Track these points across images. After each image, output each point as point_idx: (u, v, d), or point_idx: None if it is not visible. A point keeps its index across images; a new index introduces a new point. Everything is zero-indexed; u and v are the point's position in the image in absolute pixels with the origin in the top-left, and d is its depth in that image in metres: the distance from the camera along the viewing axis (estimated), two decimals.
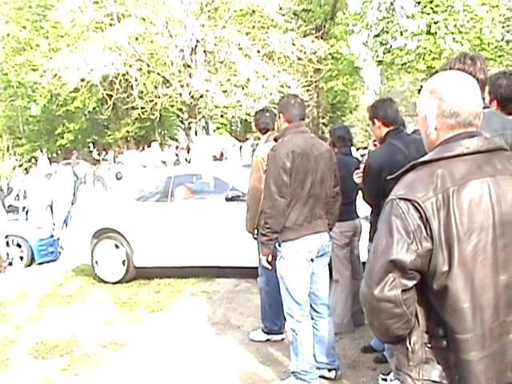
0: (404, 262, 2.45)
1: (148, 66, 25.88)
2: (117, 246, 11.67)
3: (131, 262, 11.56)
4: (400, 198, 2.52)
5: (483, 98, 2.83)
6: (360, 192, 6.49)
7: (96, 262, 11.77)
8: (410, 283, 2.50)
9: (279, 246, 5.84)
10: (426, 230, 2.46)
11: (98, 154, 38.02)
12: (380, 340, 2.87)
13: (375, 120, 5.71)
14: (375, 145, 6.57)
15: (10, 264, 14.20)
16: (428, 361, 2.62)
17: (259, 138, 8.73)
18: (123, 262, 11.58)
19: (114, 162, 28.24)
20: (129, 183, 14.65)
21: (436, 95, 2.68)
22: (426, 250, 2.46)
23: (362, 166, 6.11)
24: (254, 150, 21.97)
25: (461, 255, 2.45)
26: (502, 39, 34.32)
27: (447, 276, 2.47)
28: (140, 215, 11.66)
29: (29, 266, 14.29)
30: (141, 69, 25.97)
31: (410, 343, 2.63)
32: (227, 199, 10.93)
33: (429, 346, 2.62)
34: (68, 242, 12.73)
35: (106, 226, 11.80)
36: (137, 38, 25.63)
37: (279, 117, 6.11)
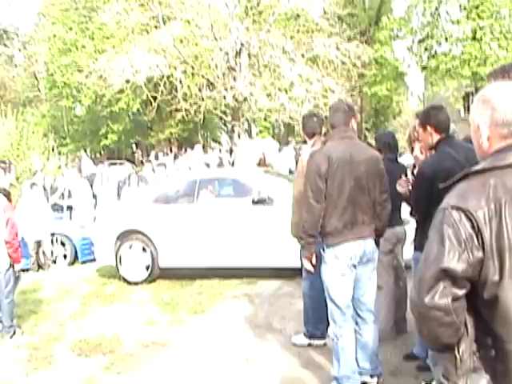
0: (455, 270, 2.45)
1: (192, 68, 26.04)
2: (144, 249, 11.88)
3: (156, 262, 11.80)
4: (452, 207, 2.52)
5: None
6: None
7: (120, 263, 11.98)
8: (461, 292, 2.50)
9: (323, 251, 5.86)
10: (477, 239, 2.46)
11: (142, 156, 38.26)
12: (429, 348, 2.87)
13: (428, 127, 5.64)
14: (421, 152, 6.52)
15: (54, 262, 14.39)
16: (476, 370, 2.62)
17: (303, 142, 8.74)
18: (147, 265, 11.85)
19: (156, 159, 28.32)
20: (155, 185, 14.89)
21: (489, 105, 2.67)
22: (477, 259, 2.46)
23: (406, 176, 6.10)
24: (296, 154, 21.96)
25: None
26: None
27: (498, 286, 2.47)
28: (166, 217, 11.88)
29: (72, 264, 14.46)
30: (185, 71, 26.14)
31: (458, 352, 2.63)
32: (254, 202, 11.31)
33: (477, 355, 2.61)
34: (95, 243, 12.88)
35: (132, 227, 12.01)
36: (181, 41, 25.80)
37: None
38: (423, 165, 5.72)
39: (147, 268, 11.80)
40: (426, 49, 37.18)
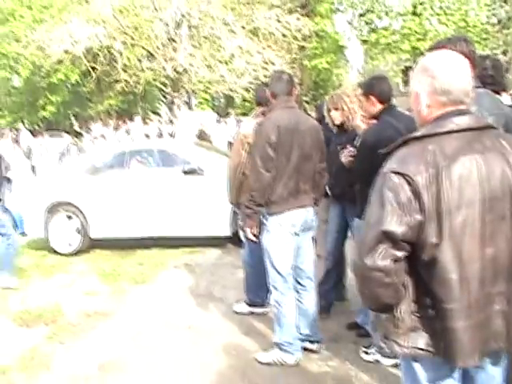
0: (395, 233, 2.55)
1: (132, 39, 25.78)
2: (70, 218, 11.89)
3: (86, 233, 11.84)
4: (392, 172, 2.61)
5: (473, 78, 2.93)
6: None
7: (49, 235, 11.98)
8: (401, 254, 2.60)
9: (265, 219, 5.92)
10: (417, 202, 2.56)
11: (80, 127, 37.90)
12: (370, 308, 2.96)
13: (371, 96, 5.75)
14: (363, 121, 6.61)
15: None
16: (415, 329, 2.74)
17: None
18: (78, 233, 11.85)
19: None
20: (84, 156, 14.82)
21: (429, 73, 2.77)
22: (416, 222, 2.56)
23: (348, 147, 6.19)
24: (237, 125, 22.00)
25: (450, 228, 2.57)
26: (487, 22, 34.41)
27: (436, 248, 2.58)
28: (96, 188, 11.91)
29: None
30: (125, 42, 25.85)
31: (398, 312, 2.74)
32: (184, 172, 11.58)
33: (416, 314, 2.73)
34: (25, 215, 12.80)
35: (61, 199, 11.99)
36: (121, 11, 25.49)
37: (269, 94, 6.19)
38: (366, 134, 5.82)
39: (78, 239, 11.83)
40: (366, 23, 37.48)
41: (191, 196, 11.43)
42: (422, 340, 2.73)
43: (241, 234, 10.09)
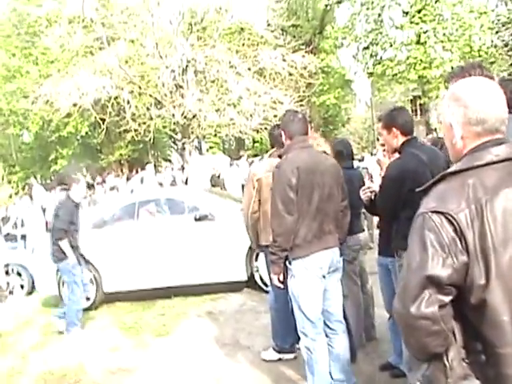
0: (440, 277, 2.37)
1: (140, 88, 25.79)
2: None
3: (100, 287, 11.70)
4: (432, 211, 2.43)
5: None
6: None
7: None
8: (447, 298, 2.42)
9: (289, 264, 5.72)
10: (461, 242, 2.38)
11: (93, 179, 37.94)
12: (416, 358, 2.76)
13: (393, 129, 5.57)
14: (384, 155, 6.46)
15: (11, 293, 14.09)
16: (466, 377, 2.53)
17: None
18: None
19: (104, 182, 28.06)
20: (93, 211, 14.71)
21: (460, 103, 2.60)
22: (462, 263, 2.38)
23: (368, 183, 6.03)
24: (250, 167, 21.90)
25: (498, 267, 2.38)
26: (493, 45, 34.37)
27: (485, 289, 2.39)
28: (106, 241, 11.82)
29: (30, 294, 14.14)
30: (132, 91, 25.87)
31: (447, 359, 2.54)
32: (195, 219, 11.45)
33: (467, 361, 2.53)
34: (35, 273, 12.70)
35: None
36: (127, 61, 25.56)
37: (281, 135, 6.04)
38: (390, 167, 5.63)
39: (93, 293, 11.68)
40: (371, 55, 37.56)
41: (204, 243, 11.33)
42: None
43: (256, 276, 10.17)
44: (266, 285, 10.55)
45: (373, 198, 5.75)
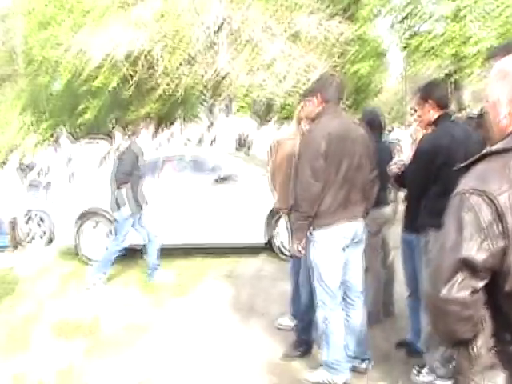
0: (475, 260, 2.22)
1: (173, 43, 25.61)
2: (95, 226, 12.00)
3: None
4: (471, 191, 2.28)
5: None
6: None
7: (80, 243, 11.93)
8: (480, 284, 2.28)
9: (312, 232, 5.60)
10: (500, 226, 2.22)
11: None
12: (443, 344, 2.64)
13: (430, 101, 5.42)
14: (418, 129, 6.32)
15: (32, 240, 14.09)
16: (493, 366, 2.41)
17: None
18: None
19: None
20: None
21: (509, 79, 2.44)
22: (499, 248, 2.23)
23: (396, 159, 5.91)
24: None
25: None
26: None
27: None
28: None
29: (50, 242, 14.10)
30: (166, 45, 25.69)
31: (474, 347, 2.42)
32: (219, 179, 11.60)
33: (495, 350, 2.41)
34: (56, 223, 12.76)
35: (93, 206, 11.94)
36: (163, 15, 25.37)
37: (316, 96, 5.83)
38: (424, 140, 5.49)
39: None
40: (407, 28, 37.08)
41: (224, 204, 11.35)
42: (500, 378, 2.40)
43: (276, 241, 10.23)
44: (283, 253, 10.51)
45: (401, 171, 5.63)
